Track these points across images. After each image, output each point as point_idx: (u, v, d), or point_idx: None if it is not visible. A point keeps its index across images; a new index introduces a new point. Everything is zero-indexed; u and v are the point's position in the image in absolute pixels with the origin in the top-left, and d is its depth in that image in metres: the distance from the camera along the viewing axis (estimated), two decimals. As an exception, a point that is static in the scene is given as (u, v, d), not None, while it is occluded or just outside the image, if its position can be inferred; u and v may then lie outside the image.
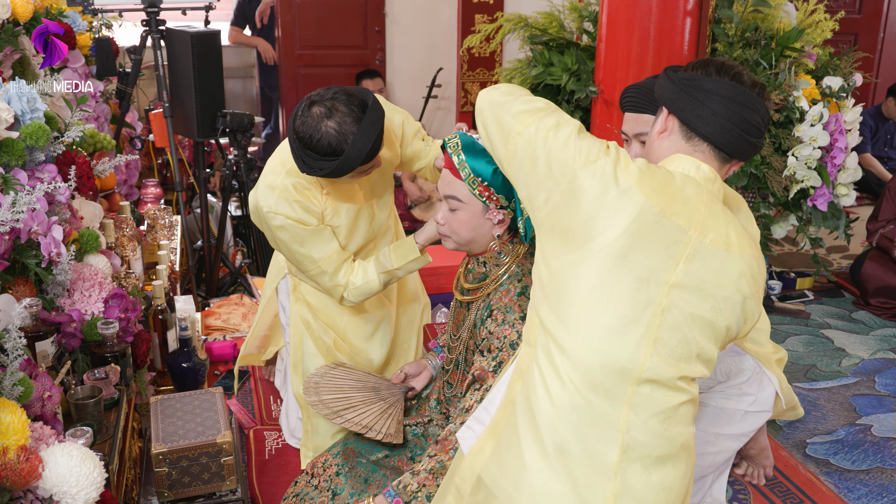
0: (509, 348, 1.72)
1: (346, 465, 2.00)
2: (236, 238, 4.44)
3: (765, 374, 2.16)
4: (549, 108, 1.55)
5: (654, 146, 1.61)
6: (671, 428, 1.45)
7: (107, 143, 2.92)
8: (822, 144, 3.12)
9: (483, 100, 1.64)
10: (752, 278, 1.46)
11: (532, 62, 3.60)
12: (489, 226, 1.81)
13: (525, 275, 1.81)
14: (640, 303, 1.40)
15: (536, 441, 1.45)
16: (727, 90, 1.50)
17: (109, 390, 2.02)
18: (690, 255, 1.41)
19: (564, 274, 1.43)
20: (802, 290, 4.12)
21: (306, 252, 2.13)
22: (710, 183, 1.51)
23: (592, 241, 1.41)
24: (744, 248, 1.46)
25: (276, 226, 2.11)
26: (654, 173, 1.45)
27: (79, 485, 1.41)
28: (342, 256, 2.18)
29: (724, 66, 1.54)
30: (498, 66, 5.97)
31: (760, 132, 1.53)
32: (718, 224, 1.46)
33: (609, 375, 1.41)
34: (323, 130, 1.89)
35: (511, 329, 1.73)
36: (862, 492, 2.49)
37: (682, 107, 1.53)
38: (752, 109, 1.50)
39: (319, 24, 5.93)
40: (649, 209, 1.40)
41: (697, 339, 1.43)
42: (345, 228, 2.21)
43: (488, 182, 1.75)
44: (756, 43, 3.18)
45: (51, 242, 1.88)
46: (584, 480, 1.42)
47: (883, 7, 6.56)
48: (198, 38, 3.53)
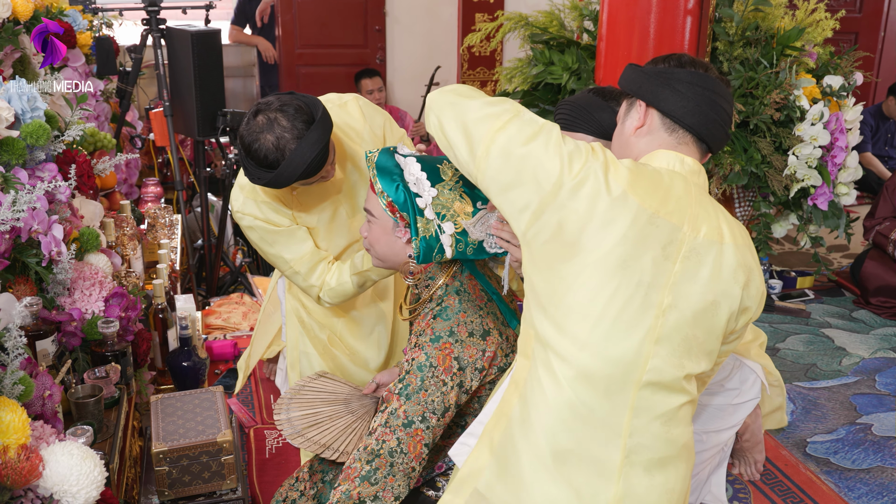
0: (416, 370, 1.63)
1: (330, 471, 1.99)
2: (237, 237, 4.44)
3: (745, 366, 2.17)
4: (516, 109, 1.47)
5: (632, 143, 1.58)
6: (672, 430, 1.44)
7: (107, 142, 2.92)
8: (823, 143, 3.12)
9: (438, 101, 1.53)
10: (747, 267, 1.46)
11: (532, 61, 3.60)
12: (401, 244, 1.73)
13: (447, 295, 1.71)
14: (642, 305, 1.39)
15: (535, 451, 1.43)
16: (704, 81, 1.50)
17: (110, 389, 2.02)
18: (687, 253, 1.41)
19: (561, 284, 1.40)
20: (803, 290, 4.12)
21: (276, 252, 2.14)
22: (696, 176, 1.51)
23: (588, 251, 1.38)
24: (736, 238, 1.46)
25: (245, 226, 2.13)
26: (642, 173, 1.44)
27: (79, 483, 1.41)
28: (317, 257, 2.16)
29: (692, 59, 1.55)
30: (498, 65, 5.97)
31: (731, 122, 1.55)
32: (709, 217, 1.45)
33: (611, 380, 1.40)
34: (261, 141, 1.87)
35: (420, 351, 1.64)
36: (862, 491, 2.49)
37: (663, 98, 1.51)
38: (726, 100, 1.52)
39: (320, 23, 5.93)
40: (643, 211, 1.39)
41: (698, 335, 1.43)
42: (322, 230, 2.20)
43: (392, 199, 1.67)
44: (756, 42, 3.18)
45: (51, 241, 1.88)
46: (586, 487, 1.41)
47: (883, 6, 6.56)
48: (198, 37, 3.53)
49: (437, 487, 1.84)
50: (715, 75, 1.53)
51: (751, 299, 1.47)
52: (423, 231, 1.65)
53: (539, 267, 1.44)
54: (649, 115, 1.55)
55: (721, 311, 1.43)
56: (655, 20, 2.90)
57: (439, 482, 1.85)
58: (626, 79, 1.60)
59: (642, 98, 1.55)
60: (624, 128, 1.60)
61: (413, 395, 1.61)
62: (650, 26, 2.92)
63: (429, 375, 1.61)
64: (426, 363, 1.62)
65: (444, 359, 1.62)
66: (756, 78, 3.08)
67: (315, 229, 2.19)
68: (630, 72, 1.59)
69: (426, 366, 1.62)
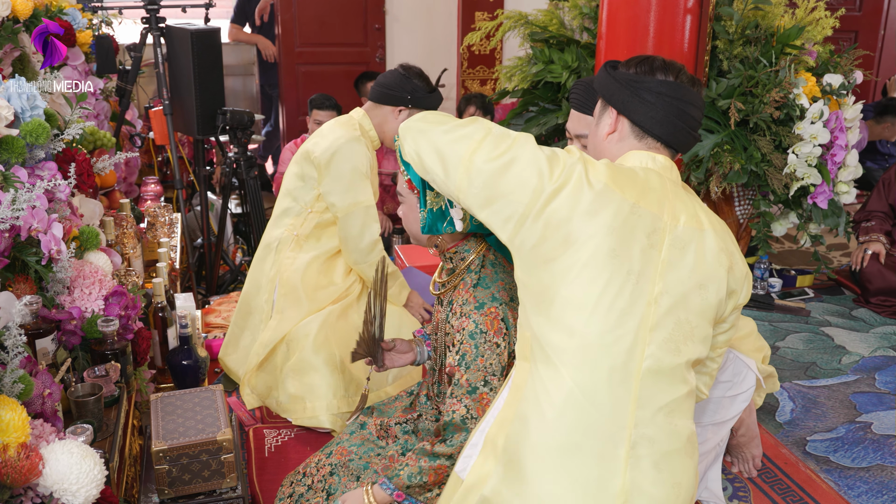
0: (469, 339, 1.74)
1: (339, 464, 2.00)
2: (236, 236, 4.44)
3: (738, 359, 2.18)
4: (486, 127, 1.50)
5: (604, 147, 1.64)
6: (676, 421, 1.46)
7: (107, 140, 2.92)
8: (823, 142, 3.12)
9: (410, 129, 1.57)
10: (728, 252, 1.52)
11: (532, 60, 3.60)
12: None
13: (483, 266, 1.84)
14: (634, 294, 1.42)
15: (540, 449, 1.44)
16: (673, 91, 1.56)
17: (110, 388, 2.02)
18: (671, 241, 1.46)
19: (553, 280, 1.44)
20: (803, 288, 4.12)
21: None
22: (669, 171, 1.57)
23: (578, 244, 1.42)
24: (714, 224, 1.53)
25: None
26: (619, 169, 1.50)
27: (79, 482, 1.41)
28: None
29: (665, 63, 1.58)
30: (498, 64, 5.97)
31: (699, 125, 1.62)
32: (686, 207, 1.51)
33: (612, 370, 1.41)
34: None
35: (467, 320, 1.75)
36: (862, 489, 2.49)
37: (633, 109, 1.58)
38: (695, 106, 1.58)
39: (319, 22, 5.93)
40: (625, 203, 1.43)
41: (691, 319, 1.47)
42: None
43: (410, 177, 1.81)
44: (756, 40, 3.18)
45: (51, 240, 1.87)
46: (592, 481, 1.41)
47: (883, 5, 6.56)
48: (198, 36, 3.52)
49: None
50: (686, 80, 1.58)
51: (736, 282, 1.53)
52: (431, 204, 1.78)
53: (530, 269, 1.47)
54: (620, 122, 1.62)
55: (710, 294, 1.49)
56: (655, 18, 2.90)
57: None
58: (600, 82, 1.65)
59: (613, 106, 1.61)
60: (598, 130, 1.67)
61: (472, 363, 1.73)
62: (650, 25, 2.91)
63: (481, 341, 1.73)
64: (476, 330, 1.74)
65: (493, 323, 1.74)
66: (756, 76, 3.08)
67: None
68: (603, 75, 1.64)
69: (477, 332, 1.74)
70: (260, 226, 3.75)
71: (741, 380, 2.18)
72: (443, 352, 1.93)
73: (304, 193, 2.73)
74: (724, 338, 1.61)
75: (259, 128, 6.17)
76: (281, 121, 6.17)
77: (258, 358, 2.68)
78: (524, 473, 1.44)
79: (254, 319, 2.81)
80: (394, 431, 2.07)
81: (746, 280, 1.56)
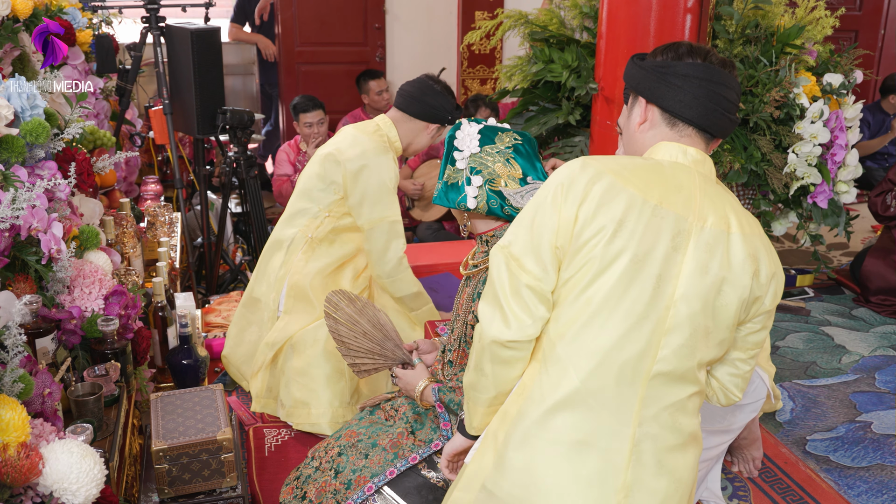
0: None
1: (347, 445, 2.01)
2: (236, 235, 4.44)
3: (755, 370, 2.18)
4: (480, 346, 1.53)
5: (637, 138, 1.60)
6: (680, 419, 1.45)
7: (107, 139, 2.92)
8: (823, 141, 3.12)
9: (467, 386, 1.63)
10: (754, 256, 1.46)
11: (532, 59, 3.60)
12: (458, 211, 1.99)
13: None
14: (653, 297, 1.40)
15: (543, 444, 1.44)
16: (702, 72, 1.50)
17: (110, 387, 2.02)
18: (696, 243, 1.42)
19: (572, 286, 1.43)
20: (803, 287, 4.12)
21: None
22: (700, 165, 1.52)
23: (590, 246, 1.40)
24: (743, 227, 1.46)
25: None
26: (637, 167, 1.46)
27: (79, 481, 1.41)
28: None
29: (692, 48, 1.54)
30: (498, 63, 5.97)
31: (736, 107, 1.55)
32: (715, 206, 1.46)
33: (621, 373, 1.41)
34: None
35: None
36: (862, 489, 2.49)
37: (661, 94, 1.53)
38: (728, 87, 1.52)
39: (319, 21, 5.92)
40: (647, 205, 1.40)
41: (708, 325, 1.43)
42: None
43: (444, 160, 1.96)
44: (756, 40, 3.17)
45: (51, 239, 1.87)
46: (595, 476, 1.41)
47: (883, 4, 6.55)
48: (198, 35, 3.52)
49: (438, 467, 1.93)
50: (716, 61, 1.53)
51: (760, 288, 1.47)
52: (448, 177, 1.91)
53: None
54: (650, 111, 1.56)
55: (731, 301, 1.44)
56: (655, 18, 2.90)
57: (437, 459, 1.95)
58: (628, 74, 1.62)
59: (642, 95, 1.57)
60: (629, 123, 1.63)
61: None
62: (650, 24, 2.91)
63: None
64: None
65: None
66: (756, 76, 3.08)
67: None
68: (631, 67, 1.61)
69: None
70: (260, 225, 3.75)
71: (753, 389, 2.18)
72: (465, 331, 1.98)
73: (323, 196, 2.70)
74: (755, 338, 1.55)
75: (259, 127, 6.16)
76: (281, 120, 6.17)
77: (265, 358, 2.68)
78: (529, 467, 1.45)
79: (260, 314, 2.81)
80: (403, 409, 2.08)
81: (773, 282, 1.49)
